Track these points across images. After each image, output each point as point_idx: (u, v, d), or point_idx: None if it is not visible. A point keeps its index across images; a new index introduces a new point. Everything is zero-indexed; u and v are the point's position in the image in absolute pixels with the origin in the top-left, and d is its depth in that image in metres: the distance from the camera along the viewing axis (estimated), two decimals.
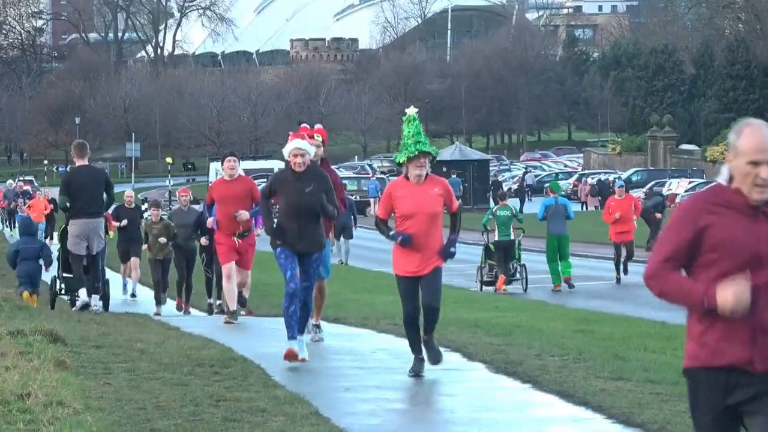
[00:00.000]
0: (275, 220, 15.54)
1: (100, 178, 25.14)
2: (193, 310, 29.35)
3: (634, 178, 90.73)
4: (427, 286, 14.40)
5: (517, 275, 36.60)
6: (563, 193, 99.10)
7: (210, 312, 27.80)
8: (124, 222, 30.82)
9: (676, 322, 24.11)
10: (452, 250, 14.42)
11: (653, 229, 47.85)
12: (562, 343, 18.77)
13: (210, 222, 21.69)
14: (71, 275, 25.61)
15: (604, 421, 12.88)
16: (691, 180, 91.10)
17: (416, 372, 14.83)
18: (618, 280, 37.43)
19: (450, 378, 15.16)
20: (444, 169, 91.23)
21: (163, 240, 27.27)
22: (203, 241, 26.27)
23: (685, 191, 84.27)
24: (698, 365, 6.99)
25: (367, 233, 57.41)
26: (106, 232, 26.70)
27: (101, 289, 25.64)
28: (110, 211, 29.29)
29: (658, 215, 48.59)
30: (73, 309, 25.19)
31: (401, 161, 14.31)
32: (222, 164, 21.44)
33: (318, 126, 16.87)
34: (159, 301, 28.49)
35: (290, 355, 15.10)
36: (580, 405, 13.69)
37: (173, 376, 15.42)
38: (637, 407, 13.25)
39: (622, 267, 37.36)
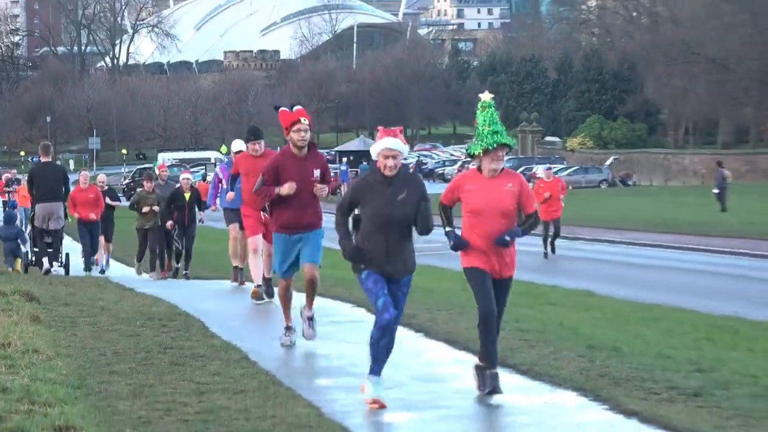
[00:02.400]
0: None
1: (59, 173, 25.66)
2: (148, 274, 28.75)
3: (507, 165, 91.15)
4: (500, 292, 10.68)
5: None
6: (448, 177, 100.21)
7: (175, 275, 26.74)
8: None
9: (543, 282, 24.34)
10: (507, 238, 10.24)
11: None
12: (449, 300, 18.84)
13: (230, 196, 18.56)
14: (35, 246, 26.15)
15: None
16: (554, 165, 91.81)
17: (491, 387, 10.77)
18: (545, 255, 34.44)
19: (356, 329, 15.19)
20: (350, 158, 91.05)
21: (156, 208, 26.29)
22: (168, 224, 25.60)
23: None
24: None
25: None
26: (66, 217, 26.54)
27: (62, 258, 26.20)
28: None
29: None
30: (43, 268, 25.40)
31: (476, 153, 10.41)
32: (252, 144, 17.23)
33: (297, 107, 12.50)
34: (136, 261, 27.28)
35: (377, 403, 10.32)
36: (462, 350, 13.78)
37: (128, 328, 15.43)
38: (510, 351, 13.35)
39: (549, 245, 34.48)
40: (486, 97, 10.63)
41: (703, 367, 12.28)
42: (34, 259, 26.84)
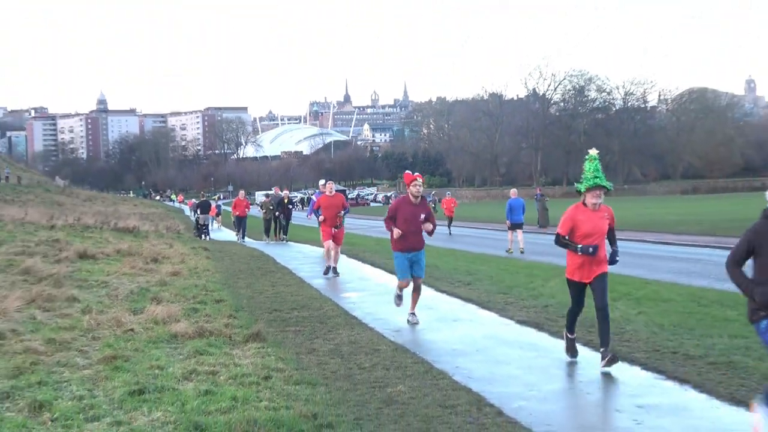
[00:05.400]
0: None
1: (208, 203, 26.70)
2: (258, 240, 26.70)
3: (388, 195, 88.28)
4: (599, 287, 5.98)
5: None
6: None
7: (281, 240, 22.18)
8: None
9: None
10: (617, 258, 6.28)
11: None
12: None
13: (321, 219, 12.53)
14: (199, 230, 25.60)
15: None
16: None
17: (572, 354, 6.30)
18: (449, 233, 25.39)
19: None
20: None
21: (269, 209, 23.07)
22: (277, 213, 22.64)
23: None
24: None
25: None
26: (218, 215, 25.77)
27: (208, 233, 25.70)
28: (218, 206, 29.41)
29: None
30: (200, 238, 24.40)
31: (582, 190, 6.18)
32: (325, 185, 13.07)
33: (416, 173, 8.48)
34: (266, 235, 23.14)
35: None
36: (382, 269, 13.49)
37: (244, 260, 15.16)
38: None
39: (449, 228, 25.99)
40: (593, 152, 6.35)
41: (471, 272, 12.29)
42: (197, 233, 25.85)
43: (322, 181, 14.34)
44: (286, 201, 23.09)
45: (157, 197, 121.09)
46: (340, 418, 4.65)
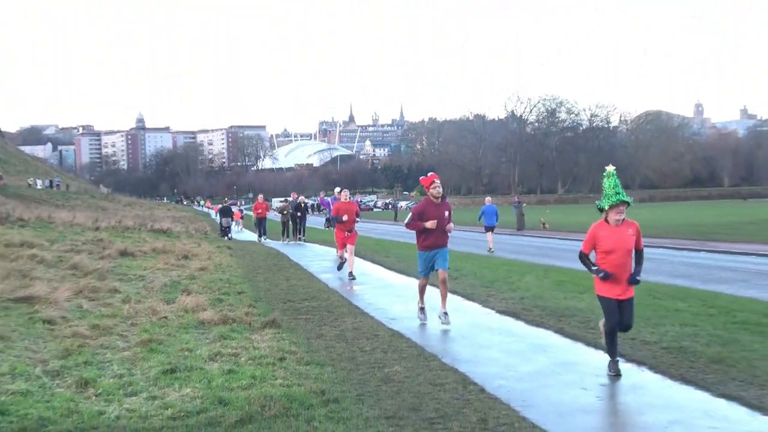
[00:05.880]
0: None
1: (229, 209, 25.97)
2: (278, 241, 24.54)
3: (387, 202, 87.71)
4: (626, 309, 5.22)
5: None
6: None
7: (298, 241, 21.10)
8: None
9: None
10: (638, 278, 5.17)
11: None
12: (401, 253, 18.28)
13: (327, 226, 10.72)
14: (223, 231, 24.84)
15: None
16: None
17: (615, 372, 5.18)
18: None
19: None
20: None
21: (288, 212, 22.10)
22: (297, 214, 21.90)
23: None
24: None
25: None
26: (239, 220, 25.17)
27: (230, 233, 24.89)
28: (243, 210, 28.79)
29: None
30: (224, 238, 23.60)
31: (604, 207, 5.17)
32: (340, 192, 12.44)
33: (431, 173, 7.62)
34: (283, 236, 21.93)
35: None
36: (396, 271, 13.32)
37: (262, 258, 14.97)
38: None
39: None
40: (611, 168, 5.29)
41: (457, 268, 12.01)
42: (222, 234, 25.10)
43: (337, 189, 13.79)
44: (302, 206, 22.62)
45: (185, 202, 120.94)
46: (344, 394, 4.66)
